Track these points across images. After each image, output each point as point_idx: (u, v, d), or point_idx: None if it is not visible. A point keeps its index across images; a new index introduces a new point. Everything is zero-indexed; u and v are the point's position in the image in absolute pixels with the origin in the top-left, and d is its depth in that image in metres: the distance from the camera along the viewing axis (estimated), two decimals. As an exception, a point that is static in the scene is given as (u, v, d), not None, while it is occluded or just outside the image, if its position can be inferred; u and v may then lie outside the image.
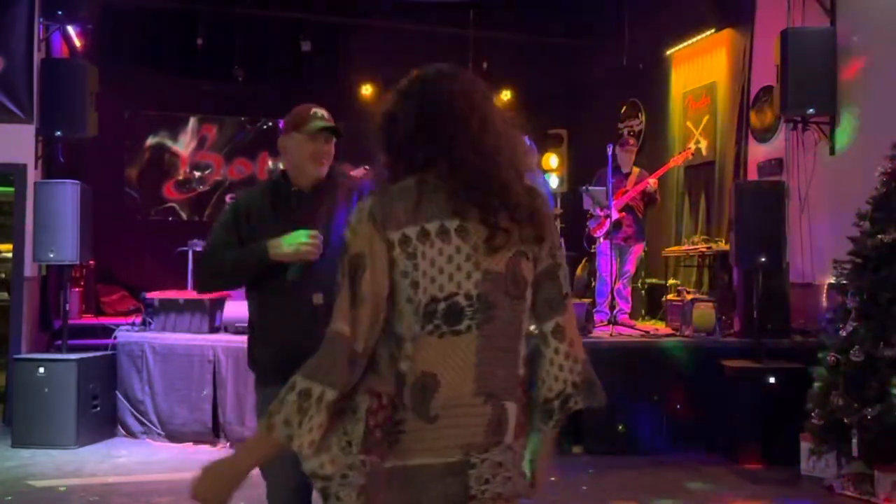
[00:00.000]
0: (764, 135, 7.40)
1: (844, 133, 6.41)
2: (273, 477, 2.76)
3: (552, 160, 10.76)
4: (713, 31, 8.15)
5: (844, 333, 4.99)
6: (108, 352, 6.51)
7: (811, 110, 6.45)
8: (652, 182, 7.49)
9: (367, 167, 10.31)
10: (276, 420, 1.68)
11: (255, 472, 2.75)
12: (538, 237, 1.79)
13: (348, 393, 1.71)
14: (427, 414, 1.70)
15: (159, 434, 6.34)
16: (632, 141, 8.22)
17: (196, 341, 6.37)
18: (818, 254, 6.39)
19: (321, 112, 2.84)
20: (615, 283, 7.31)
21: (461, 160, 1.74)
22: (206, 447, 6.18)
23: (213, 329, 6.57)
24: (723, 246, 7.29)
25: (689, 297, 6.79)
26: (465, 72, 1.86)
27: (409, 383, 1.72)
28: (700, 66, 8.58)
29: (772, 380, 5.74)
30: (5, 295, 7.53)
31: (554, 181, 10.50)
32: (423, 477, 1.69)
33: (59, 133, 6.90)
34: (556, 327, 1.81)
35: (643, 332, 6.86)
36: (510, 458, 1.75)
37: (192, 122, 10.17)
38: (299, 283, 2.71)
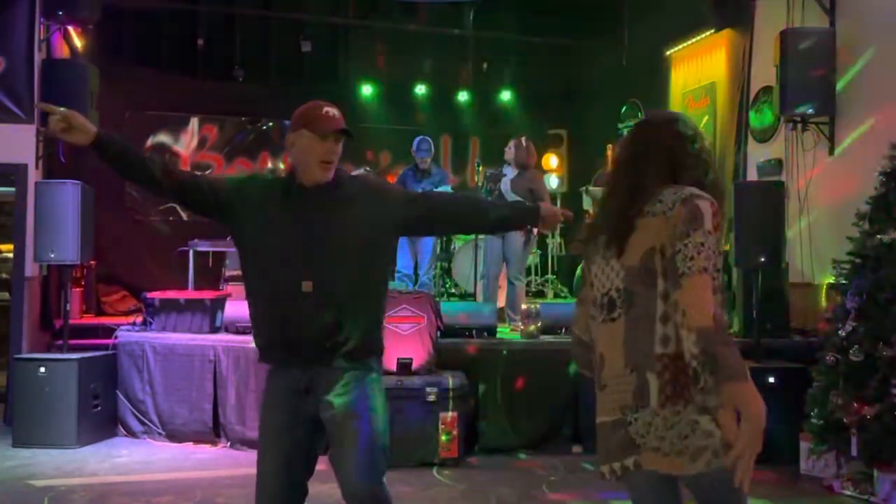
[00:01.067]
0: (764, 135, 7.41)
1: (843, 133, 6.42)
2: (263, 488, 2.75)
3: (552, 160, 10.76)
4: (712, 31, 8.15)
5: (844, 333, 4.98)
6: (109, 352, 6.51)
7: (811, 110, 6.45)
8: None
9: (367, 167, 10.18)
10: None
11: (252, 472, 2.80)
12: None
13: None
14: (601, 384, 2.26)
15: (160, 434, 6.34)
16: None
17: (197, 341, 6.36)
18: (818, 254, 6.39)
19: (333, 111, 2.77)
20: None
21: None
22: (206, 447, 6.18)
23: (214, 329, 6.57)
24: (723, 246, 7.28)
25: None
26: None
27: (595, 362, 2.30)
28: (699, 67, 8.58)
29: (772, 380, 5.74)
30: (6, 295, 7.52)
31: (554, 181, 10.51)
32: (605, 430, 2.23)
33: (59, 133, 6.89)
34: (675, 303, 2.07)
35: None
36: (659, 421, 2.10)
37: (193, 122, 10.17)
38: (289, 270, 2.69)
